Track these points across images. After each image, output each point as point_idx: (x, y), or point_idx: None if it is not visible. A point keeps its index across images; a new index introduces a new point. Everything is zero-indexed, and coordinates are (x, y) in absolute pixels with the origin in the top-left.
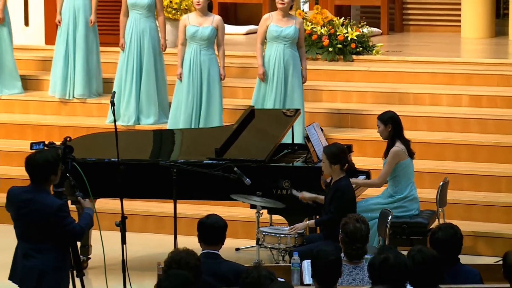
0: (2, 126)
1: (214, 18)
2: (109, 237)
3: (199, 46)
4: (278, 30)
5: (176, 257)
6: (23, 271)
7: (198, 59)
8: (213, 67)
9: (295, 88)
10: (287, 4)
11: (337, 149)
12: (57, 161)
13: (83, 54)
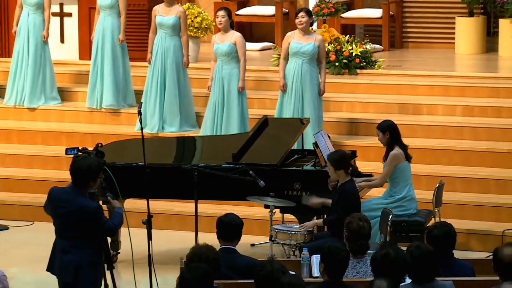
0: (39, 134)
1: (233, 35)
2: (136, 234)
3: (221, 62)
4: (298, 47)
5: (197, 252)
6: (61, 264)
7: (220, 74)
8: (232, 80)
9: (310, 100)
10: (305, 24)
11: (339, 156)
12: (99, 169)
13: (110, 68)
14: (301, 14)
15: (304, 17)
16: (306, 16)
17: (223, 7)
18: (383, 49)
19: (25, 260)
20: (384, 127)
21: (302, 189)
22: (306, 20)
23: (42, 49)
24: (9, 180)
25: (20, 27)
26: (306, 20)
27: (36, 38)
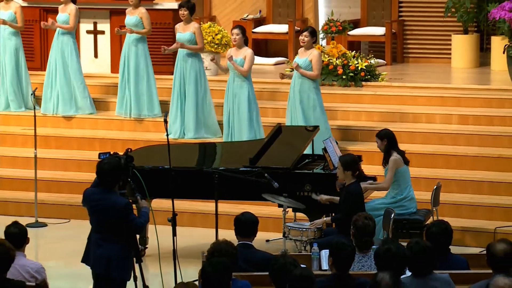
0: (75, 140)
1: (246, 51)
2: (162, 231)
3: (234, 74)
4: (296, 61)
5: (217, 247)
6: (94, 257)
7: (232, 85)
8: (243, 92)
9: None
10: (307, 42)
11: (350, 159)
12: (120, 170)
13: (135, 81)
14: (305, 33)
15: (308, 37)
16: (309, 36)
17: (237, 25)
18: (386, 63)
19: (61, 254)
20: (382, 135)
21: (312, 190)
22: (308, 40)
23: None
24: (48, 181)
25: (54, 43)
26: (308, 40)
27: (66, 53)
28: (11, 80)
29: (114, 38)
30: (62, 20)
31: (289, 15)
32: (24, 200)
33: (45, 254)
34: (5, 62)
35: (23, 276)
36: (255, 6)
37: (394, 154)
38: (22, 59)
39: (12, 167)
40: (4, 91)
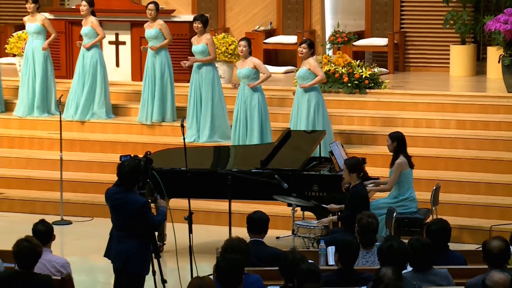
0: (98, 143)
1: (251, 60)
2: (179, 228)
3: (243, 83)
4: (296, 76)
5: (231, 243)
6: (115, 252)
7: (243, 92)
8: (253, 99)
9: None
10: (305, 54)
11: (354, 161)
12: (138, 171)
13: (160, 88)
14: (303, 45)
15: (306, 49)
16: (307, 48)
17: (244, 38)
18: (388, 72)
19: (85, 250)
20: (394, 137)
21: (319, 190)
22: (306, 52)
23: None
24: (73, 182)
25: (82, 54)
26: (306, 52)
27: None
28: (41, 88)
29: (134, 48)
30: (85, 32)
31: (298, 27)
32: (51, 200)
33: (70, 250)
34: (35, 70)
35: (50, 270)
36: (266, 18)
37: (400, 157)
38: (50, 68)
39: (39, 169)
40: (29, 97)
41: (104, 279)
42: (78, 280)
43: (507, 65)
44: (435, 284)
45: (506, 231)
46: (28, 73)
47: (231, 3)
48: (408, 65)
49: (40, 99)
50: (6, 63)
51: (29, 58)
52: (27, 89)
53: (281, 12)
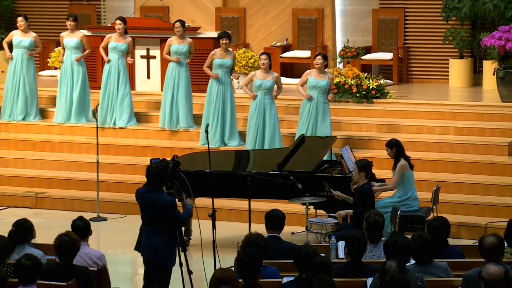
0: (131, 148)
1: (273, 74)
2: (204, 224)
3: (263, 93)
4: (315, 82)
5: (250, 238)
6: (144, 246)
7: (262, 102)
8: (273, 108)
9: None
10: (320, 65)
11: (364, 162)
12: (165, 173)
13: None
14: (318, 57)
15: (321, 60)
16: (322, 59)
17: (265, 52)
18: (393, 83)
19: (119, 244)
20: (391, 144)
21: (331, 190)
22: (322, 62)
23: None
24: (108, 183)
25: (111, 66)
26: (321, 62)
27: (123, 75)
28: (79, 97)
29: (163, 62)
30: (122, 49)
31: (311, 43)
32: (88, 198)
33: (105, 244)
34: (73, 81)
35: (87, 262)
36: (283, 35)
37: (402, 160)
38: (87, 79)
39: (78, 171)
40: (67, 105)
41: (135, 270)
42: (112, 271)
43: (501, 77)
44: (436, 275)
45: (500, 227)
46: (66, 83)
47: (251, 21)
48: (411, 77)
49: (77, 107)
50: (48, 75)
51: (67, 70)
52: (65, 98)
53: (296, 29)
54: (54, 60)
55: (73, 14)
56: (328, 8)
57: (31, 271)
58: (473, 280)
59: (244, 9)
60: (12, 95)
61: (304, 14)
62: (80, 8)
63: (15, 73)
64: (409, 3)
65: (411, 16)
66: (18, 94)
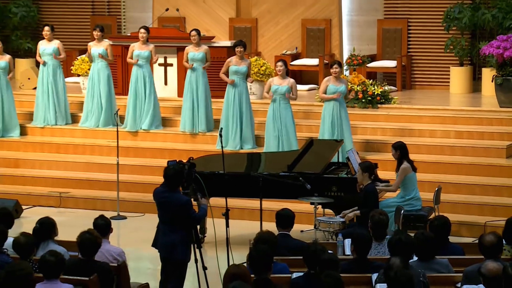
0: (149, 150)
1: (290, 80)
2: (218, 223)
3: (279, 99)
4: (335, 88)
5: (261, 236)
6: (161, 243)
7: (278, 107)
8: (288, 112)
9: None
10: (338, 72)
11: (367, 164)
12: (182, 173)
13: (204, 103)
14: (335, 66)
15: (338, 68)
16: (339, 67)
17: (281, 59)
18: (397, 89)
19: (137, 241)
20: (396, 146)
21: (338, 191)
22: (339, 70)
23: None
24: (127, 183)
25: (137, 74)
26: (338, 70)
27: (149, 82)
28: (106, 103)
29: (180, 69)
30: (145, 55)
31: (320, 51)
32: (109, 198)
33: (125, 241)
34: (100, 88)
35: (108, 258)
36: (292, 43)
37: (404, 163)
38: (112, 86)
39: (99, 172)
40: (93, 111)
41: (153, 266)
42: (132, 267)
43: (499, 83)
44: (437, 271)
45: (499, 226)
46: (92, 90)
47: (262, 31)
48: (414, 84)
49: (104, 113)
50: (71, 82)
51: (94, 78)
52: (92, 104)
53: (305, 39)
54: (77, 67)
55: (99, 25)
56: (335, 18)
57: (55, 266)
58: (473, 276)
59: (256, 19)
60: (43, 101)
61: (312, 24)
62: (101, 19)
63: (44, 79)
64: (412, 14)
65: (414, 26)
66: (48, 99)
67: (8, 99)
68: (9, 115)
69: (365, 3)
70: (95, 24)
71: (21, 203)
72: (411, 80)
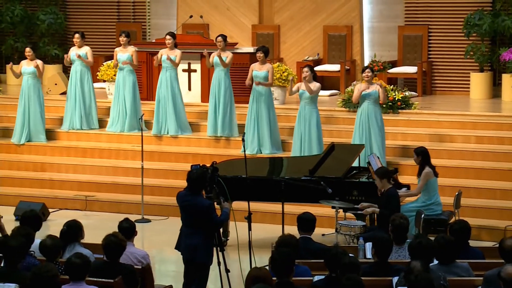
0: (173, 154)
1: (315, 84)
2: (240, 226)
3: (305, 103)
4: (365, 93)
5: (283, 239)
6: (184, 246)
7: (303, 111)
8: (313, 117)
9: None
10: (370, 77)
11: (383, 170)
12: (205, 178)
13: (224, 108)
14: (367, 70)
15: (370, 72)
16: (371, 72)
17: (307, 65)
18: (417, 95)
19: (161, 244)
20: (419, 152)
21: (359, 195)
22: (371, 75)
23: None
24: (152, 187)
25: (161, 79)
26: (371, 75)
27: (172, 88)
28: (131, 108)
29: (204, 75)
30: (172, 59)
31: (341, 57)
32: (133, 201)
33: (149, 244)
34: (125, 94)
35: (132, 261)
36: (314, 50)
37: (427, 168)
38: (137, 91)
39: (124, 176)
40: (119, 116)
41: (176, 268)
42: (155, 269)
43: None
44: (458, 275)
45: None
46: (118, 96)
47: (284, 38)
48: (434, 89)
49: (129, 118)
50: (97, 87)
51: (119, 84)
52: (117, 109)
53: (326, 45)
54: (103, 73)
55: (125, 31)
56: (356, 25)
57: (81, 268)
58: (493, 280)
59: (279, 26)
60: (70, 105)
61: (334, 30)
62: (127, 26)
63: (72, 85)
64: (433, 21)
65: (434, 32)
66: (75, 104)
67: (35, 105)
68: (36, 120)
69: (386, 10)
70: (120, 30)
71: (47, 206)
72: (431, 86)
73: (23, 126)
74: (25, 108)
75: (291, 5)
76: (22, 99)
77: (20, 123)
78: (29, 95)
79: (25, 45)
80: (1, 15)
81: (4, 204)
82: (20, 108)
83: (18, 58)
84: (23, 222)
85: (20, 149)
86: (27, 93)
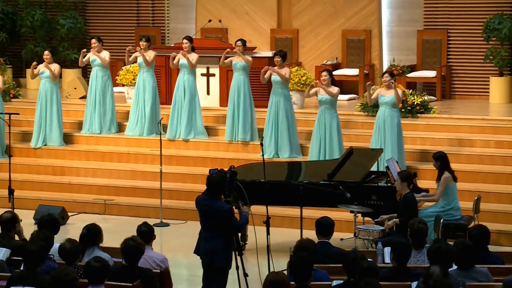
0: (191, 159)
1: (334, 88)
2: (259, 230)
3: (324, 108)
4: (382, 98)
5: (302, 243)
6: (203, 250)
7: (323, 116)
8: (333, 121)
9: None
10: (388, 82)
11: (406, 173)
12: (224, 182)
13: (243, 112)
14: (386, 75)
15: (388, 77)
16: (389, 76)
17: (326, 69)
18: (436, 99)
19: (180, 248)
20: (437, 157)
21: (377, 199)
22: (389, 79)
23: (193, 99)
24: (170, 191)
25: (179, 83)
26: (389, 79)
27: (190, 91)
28: (150, 112)
29: (222, 79)
30: (186, 64)
31: (359, 61)
32: (152, 205)
33: (167, 248)
34: (144, 98)
35: (151, 265)
36: (333, 54)
37: (446, 173)
38: (157, 96)
39: (143, 180)
40: (138, 120)
41: (195, 272)
42: (174, 273)
43: None
44: (477, 280)
45: None
46: (137, 100)
47: (303, 42)
48: (453, 94)
49: (149, 122)
50: (116, 91)
51: (139, 88)
52: (136, 113)
53: (345, 49)
54: (122, 77)
55: (146, 35)
56: (375, 29)
57: (100, 272)
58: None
59: (297, 30)
60: (89, 110)
61: (353, 35)
62: (146, 30)
63: (92, 89)
64: (452, 25)
65: (453, 36)
66: (94, 109)
67: (52, 108)
68: (52, 123)
69: (405, 14)
70: (139, 35)
71: (67, 210)
72: (450, 90)
73: (40, 130)
74: (42, 111)
75: (310, 10)
76: (39, 102)
77: (37, 127)
78: (46, 98)
79: (45, 49)
80: (22, 20)
81: (24, 208)
82: (37, 112)
83: (38, 62)
84: (40, 226)
85: (39, 153)
86: (44, 96)
